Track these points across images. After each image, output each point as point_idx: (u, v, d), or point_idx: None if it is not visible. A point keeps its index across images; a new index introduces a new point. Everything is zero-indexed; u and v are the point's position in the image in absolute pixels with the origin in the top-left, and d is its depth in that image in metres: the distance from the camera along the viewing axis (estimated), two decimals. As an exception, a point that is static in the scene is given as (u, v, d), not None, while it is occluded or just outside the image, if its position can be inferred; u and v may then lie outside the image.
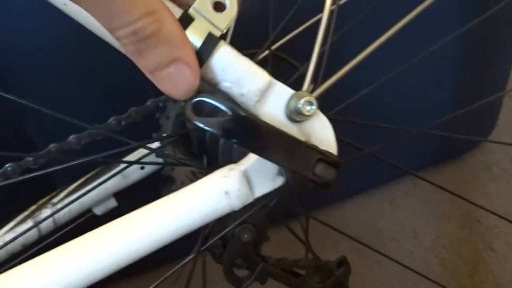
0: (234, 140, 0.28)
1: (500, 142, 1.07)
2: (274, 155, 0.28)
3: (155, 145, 0.47)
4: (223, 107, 0.28)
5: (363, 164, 0.87)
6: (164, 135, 0.44)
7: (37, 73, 0.58)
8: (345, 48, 0.55)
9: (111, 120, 0.46)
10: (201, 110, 0.29)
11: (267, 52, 0.47)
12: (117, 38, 0.25)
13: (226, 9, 0.28)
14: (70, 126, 0.46)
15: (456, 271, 0.95)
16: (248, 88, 0.30)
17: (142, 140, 0.47)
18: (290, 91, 0.32)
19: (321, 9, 0.38)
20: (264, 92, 0.31)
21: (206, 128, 0.28)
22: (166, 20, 0.25)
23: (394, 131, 0.58)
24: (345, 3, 0.47)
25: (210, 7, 0.28)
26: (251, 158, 0.32)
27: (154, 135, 0.46)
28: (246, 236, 0.54)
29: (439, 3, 0.51)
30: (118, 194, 0.52)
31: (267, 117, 0.32)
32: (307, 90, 0.33)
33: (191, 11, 0.27)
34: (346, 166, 0.32)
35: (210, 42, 0.28)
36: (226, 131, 0.28)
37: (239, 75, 0.30)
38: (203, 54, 0.28)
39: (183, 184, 0.50)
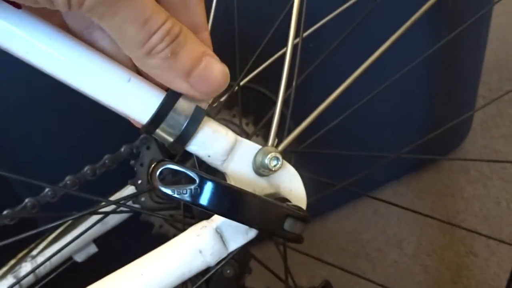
0: (202, 205, 0.29)
1: (465, 159, 1.09)
2: (242, 216, 0.29)
3: (131, 190, 0.48)
4: (189, 173, 0.29)
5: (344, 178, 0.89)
6: (132, 192, 0.44)
7: (10, 127, 0.58)
8: (313, 86, 0.57)
9: (86, 169, 0.47)
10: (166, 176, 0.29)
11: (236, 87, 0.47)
12: (150, 50, 0.25)
13: None
14: (52, 175, 0.46)
15: (440, 278, 0.97)
16: (214, 149, 0.31)
17: (116, 185, 0.47)
18: (256, 147, 0.33)
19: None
20: (230, 150, 0.32)
21: (174, 196, 0.29)
22: (183, 26, 0.27)
23: (369, 157, 0.59)
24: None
25: None
26: (223, 215, 0.33)
27: (129, 181, 0.47)
28: (228, 271, 0.55)
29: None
30: (98, 239, 0.52)
31: (235, 174, 0.33)
32: (272, 145, 0.34)
33: None
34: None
35: (198, 116, 0.29)
36: (193, 198, 0.29)
37: (205, 138, 0.30)
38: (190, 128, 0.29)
39: (161, 228, 0.51)
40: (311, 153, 0.50)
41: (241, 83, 0.54)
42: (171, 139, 0.29)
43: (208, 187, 0.29)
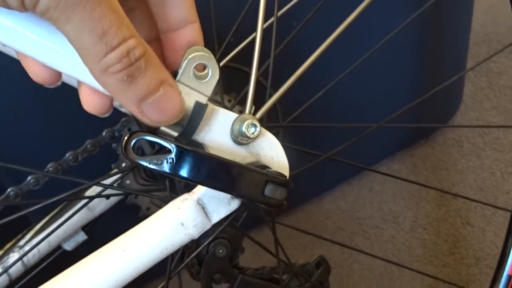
0: (181, 175, 0.28)
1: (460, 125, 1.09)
2: (221, 184, 0.29)
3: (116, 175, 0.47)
4: (165, 143, 0.29)
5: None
6: (115, 170, 0.44)
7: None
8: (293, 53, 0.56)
9: (68, 155, 0.46)
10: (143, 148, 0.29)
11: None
12: (105, 68, 0.24)
13: (209, 76, 0.29)
14: (34, 164, 0.45)
15: (437, 250, 0.97)
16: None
17: (100, 170, 0.46)
18: (232, 116, 0.32)
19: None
20: (208, 120, 0.31)
21: (150, 167, 0.28)
22: (148, 47, 0.25)
23: (356, 128, 0.59)
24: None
25: (193, 78, 0.29)
26: (204, 187, 0.32)
27: (113, 165, 0.46)
28: (221, 251, 0.55)
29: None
30: (86, 227, 0.51)
31: (213, 144, 0.32)
32: (249, 112, 0.33)
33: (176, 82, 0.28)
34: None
35: (200, 110, 0.29)
36: (171, 168, 0.28)
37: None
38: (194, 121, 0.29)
39: (149, 211, 0.50)
40: (297, 127, 0.50)
41: (222, 63, 0.53)
42: (175, 133, 0.29)
43: (185, 156, 0.28)
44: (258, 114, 0.35)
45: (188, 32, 0.30)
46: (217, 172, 0.29)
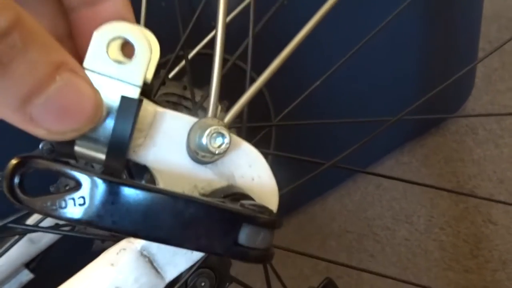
0: (100, 225, 0.17)
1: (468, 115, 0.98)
2: (167, 235, 0.18)
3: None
4: (69, 172, 0.18)
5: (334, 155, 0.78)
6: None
7: None
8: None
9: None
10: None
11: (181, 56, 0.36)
12: None
13: (135, 56, 0.18)
14: None
15: (458, 253, 0.86)
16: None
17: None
18: (188, 121, 0.22)
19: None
20: (150, 129, 0.21)
21: (52, 214, 0.18)
22: (25, 14, 0.15)
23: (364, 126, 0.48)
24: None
25: (112, 63, 0.18)
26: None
27: (51, 187, 0.36)
28: (203, 284, 0.44)
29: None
30: (31, 263, 0.41)
31: (161, 165, 0.21)
32: (213, 115, 0.23)
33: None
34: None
35: (128, 108, 0.18)
36: (84, 213, 0.17)
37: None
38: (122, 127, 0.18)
39: (105, 244, 0.40)
40: (295, 125, 0.39)
41: (194, 51, 0.42)
42: (99, 155, 0.19)
43: (103, 192, 0.17)
44: (227, 117, 0.24)
45: (110, 6, 0.19)
46: (160, 216, 0.18)
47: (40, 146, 0.36)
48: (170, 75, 0.43)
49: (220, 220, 0.19)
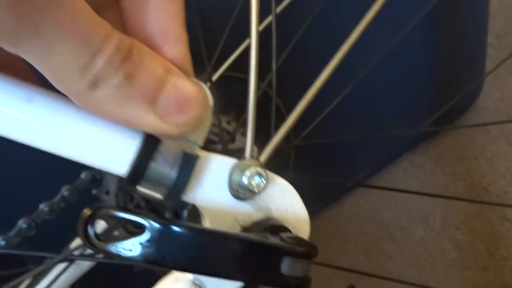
0: (163, 264, 0.20)
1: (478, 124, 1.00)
2: (221, 271, 0.21)
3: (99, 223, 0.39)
4: (136, 218, 0.21)
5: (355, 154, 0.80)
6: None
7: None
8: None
9: (42, 207, 0.38)
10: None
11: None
12: (95, 79, 0.17)
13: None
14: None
15: (475, 252, 0.88)
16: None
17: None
18: (228, 163, 0.24)
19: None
20: (197, 172, 0.23)
21: (122, 255, 0.20)
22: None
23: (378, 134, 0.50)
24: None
25: None
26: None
27: (115, 231, 0.39)
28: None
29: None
30: (75, 285, 0.44)
31: (207, 203, 0.24)
32: (250, 156, 0.25)
33: None
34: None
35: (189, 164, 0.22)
36: (148, 254, 0.20)
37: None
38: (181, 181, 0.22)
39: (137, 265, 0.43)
40: (311, 145, 0.42)
41: (218, 74, 0.45)
42: (159, 196, 0.22)
43: (164, 235, 0.20)
44: (263, 156, 0.27)
45: (169, 51, 0.22)
46: (212, 254, 0.21)
47: (82, 176, 0.39)
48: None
49: (265, 255, 0.21)
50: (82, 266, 0.43)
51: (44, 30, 0.15)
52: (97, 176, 0.39)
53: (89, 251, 0.38)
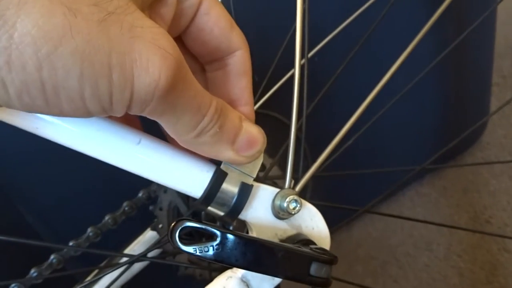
0: (226, 262, 0.28)
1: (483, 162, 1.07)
2: (267, 268, 0.29)
3: (151, 235, 0.48)
4: (210, 229, 0.29)
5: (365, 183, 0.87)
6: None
7: (32, 181, 0.58)
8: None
9: (107, 218, 0.47)
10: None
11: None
12: (200, 132, 0.25)
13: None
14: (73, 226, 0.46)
15: (474, 279, 0.94)
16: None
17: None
18: (272, 192, 0.33)
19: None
20: (249, 197, 0.32)
21: (197, 255, 0.28)
22: None
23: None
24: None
25: None
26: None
27: (150, 227, 0.47)
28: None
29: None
30: (124, 285, 0.52)
31: (255, 221, 0.32)
32: (289, 186, 0.34)
33: (222, 166, 0.30)
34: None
35: (246, 191, 0.30)
36: (216, 254, 0.28)
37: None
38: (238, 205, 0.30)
39: (187, 270, 0.51)
40: (329, 176, 0.50)
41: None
42: (221, 213, 0.30)
43: (230, 242, 0.28)
44: (298, 187, 0.35)
45: (241, 110, 0.30)
46: (264, 256, 0.29)
47: (140, 194, 0.47)
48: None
49: (299, 260, 0.29)
50: (132, 270, 0.51)
51: (178, 109, 0.23)
52: (152, 195, 0.47)
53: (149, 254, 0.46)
